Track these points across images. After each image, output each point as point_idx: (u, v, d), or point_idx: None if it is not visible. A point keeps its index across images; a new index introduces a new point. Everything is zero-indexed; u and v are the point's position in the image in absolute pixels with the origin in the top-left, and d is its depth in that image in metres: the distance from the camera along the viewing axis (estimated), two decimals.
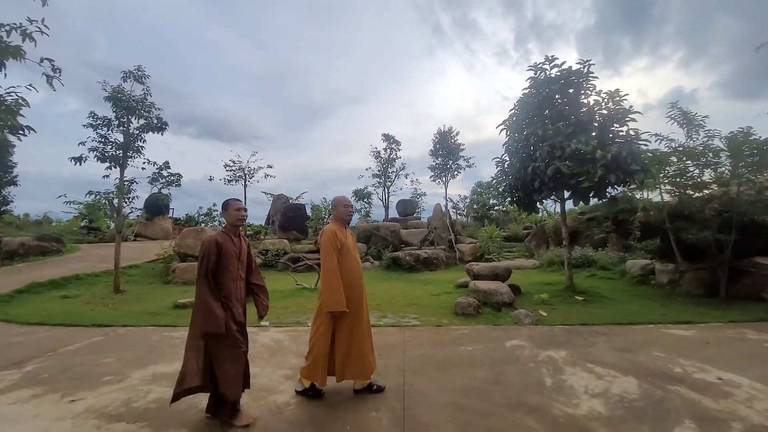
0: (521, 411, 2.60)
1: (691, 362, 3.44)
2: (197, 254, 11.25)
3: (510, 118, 7.11)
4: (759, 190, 5.87)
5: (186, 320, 5.59)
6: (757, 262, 5.98)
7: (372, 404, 2.80)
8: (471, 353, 3.89)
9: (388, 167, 18.79)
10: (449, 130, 15.64)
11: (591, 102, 6.46)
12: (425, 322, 5.35)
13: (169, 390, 3.01)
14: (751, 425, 2.32)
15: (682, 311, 5.48)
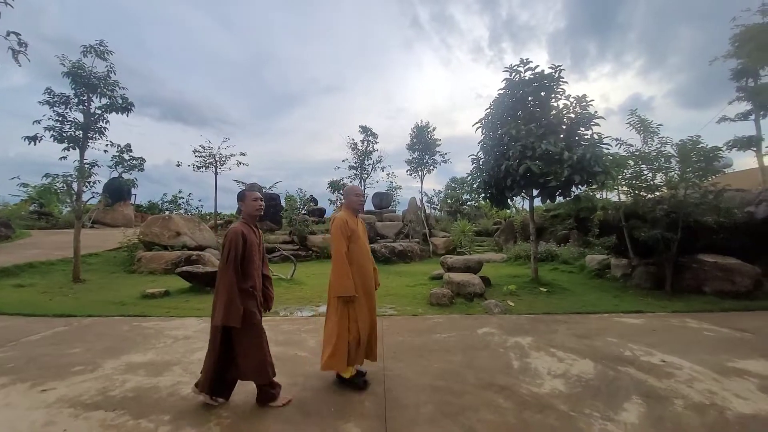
0: (492, 390, 2.83)
1: (640, 347, 3.85)
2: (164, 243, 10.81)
3: (486, 117, 7.39)
4: (702, 194, 6.53)
5: (158, 310, 5.49)
6: (698, 259, 6.68)
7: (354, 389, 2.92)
8: (446, 340, 4.12)
9: (365, 160, 18.76)
10: (426, 126, 15.87)
11: (560, 105, 6.86)
12: (402, 312, 5.54)
13: (147, 379, 3.01)
14: (691, 403, 2.66)
15: (633, 302, 6.04)
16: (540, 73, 6.77)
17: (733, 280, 6.25)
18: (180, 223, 11.59)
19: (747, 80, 13.12)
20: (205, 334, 4.35)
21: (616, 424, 2.36)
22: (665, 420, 2.41)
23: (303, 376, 3.13)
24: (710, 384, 2.94)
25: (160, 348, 3.82)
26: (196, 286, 7.16)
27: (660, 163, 6.73)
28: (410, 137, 16.19)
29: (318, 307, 6.01)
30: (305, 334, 4.41)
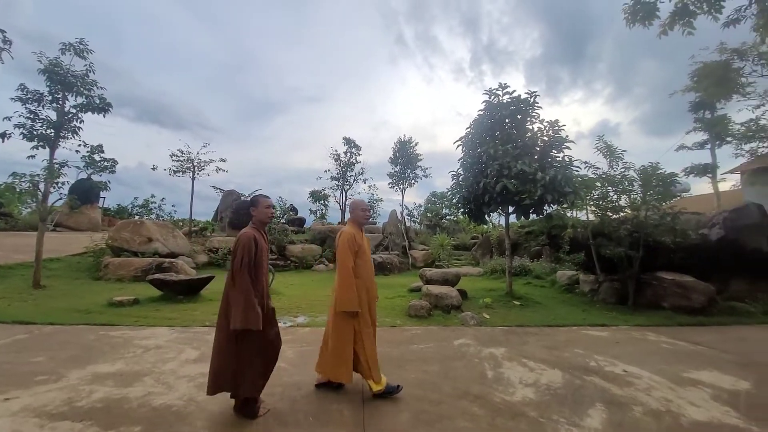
0: (467, 399, 2.93)
1: (604, 358, 4.08)
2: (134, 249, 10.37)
3: (466, 136, 7.72)
4: (661, 216, 7.06)
5: (126, 319, 5.28)
6: (658, 276, 7.15)
7: (333, 397, 2.94)
8: (423, 351, 4.20)
9: (348, 171, 18.87)
10: (409, 140, 16.25)
11: (535, 129, 7.28)
12: (381, 323, 5.55)
13: (116, 390, 2.91)
14: (649, 409, 2.86)
15: (599, 316, 6.37)
16: (517, 97, 7.19)
17: (689, 296, 6.71)
18: (152, 229, 11.18)
19: (704, 112, 14.37)
20: (177, 343, 4.25)
21: (581, 429, 2.51)
22: (625, 425, 2.58)
23: (281, 386, 3.12)
24: (667, 392, 3.17)
25: (129, 358, 3.68)
26: (168, 294, 6.92)
27: (624, 186, 7.23)
28: (393, 151, 16.51)
29: (296, 317, 5.95)
30: (283, 345, 4.34)
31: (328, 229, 16.43)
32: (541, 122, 7.23)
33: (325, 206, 22.03)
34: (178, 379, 3.20)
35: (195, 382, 3.12)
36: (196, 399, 2.79)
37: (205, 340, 4.43)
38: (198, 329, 4.98)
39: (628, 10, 4.60)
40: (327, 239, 15.69)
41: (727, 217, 7.57)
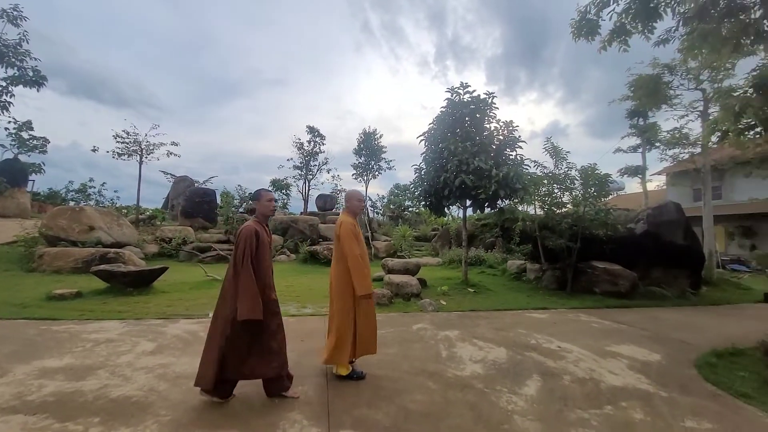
0: (423, 376, 3.22)
1: (542, 336, 4.61)
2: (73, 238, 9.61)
3: (429, 132, 8.01)
4: (596, 211, 7.91)
5: (70, 313, 4.96)
6: (592, 265, 8.05)
7: (297, 381, 3.07)
8: (384, 335, 4.44)
9: (311, 160, 18.59)
10: (373, 133, 16.37)
11: (492, 128, 7.76)
12: None
13: (68, 383, 2.83)
14: (576, 378, 3.33)
15: (541, 300, 7.07)
16: (477, 97, 7.59)
17: (617, 282, 7.65)
18: (94, 216, 10.31)
19: (638, 120, 16.03)
20: (131, 336, 4.11)
21: (519, 396, 2.89)
22: (555, 391, 3.01)
23: None
24: (591, 363, 3.70)
25: (78, 352, 3.52)
26: (116, 286, 6.52)
27: (567, 184, 7.99)
28: (357, 142, 16.55)
29: None
30: None
31: (291, 219, 16.18)
32: (497, 122, 7.72)
33: (287, 195, 21.56)
34: (135, 371, 3.14)
35: (154, 373, 3.09)
36: (158, 389, 2.79)
37: (161, 332, 4.32)
38: (152, 321, 4.82)
39: (575, 25, 5.06)
40: (289, 229, 15.46)
41: (650, 214, 8.66)
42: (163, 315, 5.10)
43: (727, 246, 17.85)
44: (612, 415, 2.62)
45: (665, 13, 4.49)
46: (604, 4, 4.88)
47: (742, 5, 3.91)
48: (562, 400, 2.84)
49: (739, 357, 3.89)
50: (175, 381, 2.95)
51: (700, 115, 11.25)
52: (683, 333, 5.02)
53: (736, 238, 17.66)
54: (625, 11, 4.75)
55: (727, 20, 3.99)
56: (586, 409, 2.70)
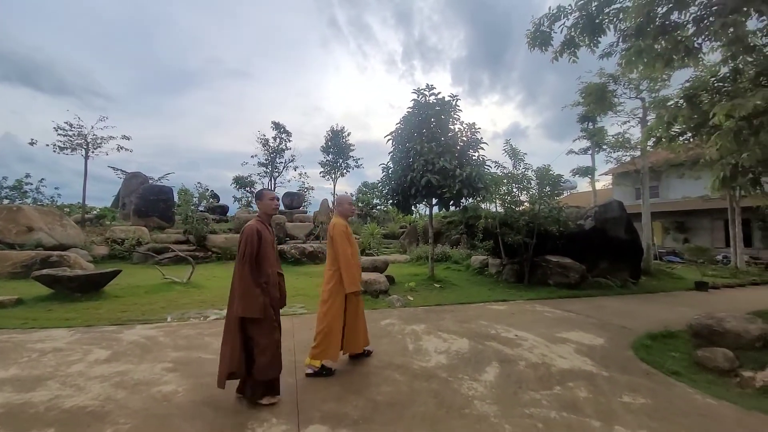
0: (391, 368, 3.34)
1: (502, 326, 4.93)
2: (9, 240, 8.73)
3: (396, 131, 8.17)
4: (550, 209, 8.50)
5: (10, 321, 4.59)
6: (546, 259, 8.64)
7: None
8: None
9: (277, 157, 18.12)
10: (341, 130, 16.29)
11: (456, 129, 8.07)
12: (312, 310, 5.74)
13: (16, 395, 2.67)
14: (530, 363, 3.61)
15: (501, 293, 7.50)
16: (442, 99, 7.85)
17: (568, 274, 8.28)
18: (33, 216, 9.41)
19: (588, 124, 17.28)
20: (81, 345, 3.88)
21: (480, 382, 3.11)
22: (511, 376, 3.26)
23: (210, 375, 3.12)
24: (544, 349, 4.02)
25: (24, 363, 3.26)
26: (62, 292, 6.03)
27: (524, 183, 8.50)
28: (325, 139, 16.39)
29: (222, 310, 5.76)
30: (209, 338, 4.28)
31: None
32: (461, 124, 8.04)
33: (251, 193, 20.84)
34: (89, 380, 2.98)
35: (111, 381, 2.95)
36: (115, 398, 2.68)
37: (115, 339, 4.10)
38: (106, 328, 4.55)
39: (530, 36, 5.42)
40: None
41: (597, 211, 9.44)
42: (117, 321, 4.82)
43: (663, 240, 19.82)
44: (561, 395, 2.90)
45: (608, 29, 4.94)
46: (555, 18, 5.27)
47: (675, 24, 4.39)
48: (518, 384, 3.09)
49: (671, 339, 4.41)
50: (135, 388, 2.84)
51: (640, 121, 12.39)
52: (624, 319, 5.56)
53: (671, 233, 19.66)
54: (573, 25, 5.17)
55: (661, 37, 4.47)
56: (538, 391, 2.96)
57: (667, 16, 4.09)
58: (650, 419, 2.53)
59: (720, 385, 3.14)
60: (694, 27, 4.26)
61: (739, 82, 4.63)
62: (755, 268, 12.72)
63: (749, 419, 2.52)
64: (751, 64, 4.62)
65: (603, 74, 11.71)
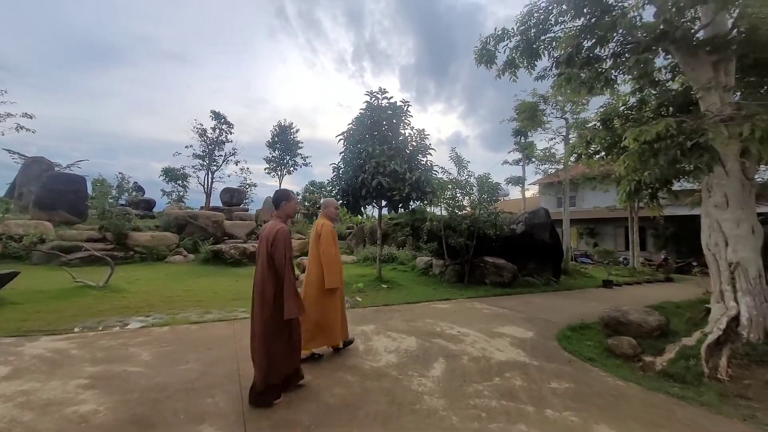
0: (342, 370, 3.33)
1: (446, 324, 5.19)
2: None
3: (348, 132, 8.14)
4: (488, 214, 9.19)
5: None
6: (484, 260, 9.31)
7: (206, 392, 2.86)
8: None
9: (216, 149, 16.78)
10: (290, 126, 15.66)
11: (406, 134, 8.31)
12: None
13: None
14: (472, 357, 3.86)
15: (445, 292, 7.89)
16: (393, 103, 8.03)
17: (502, 274, 9.01)
18: None
19: (520, 138, 19.02)
20: None
21: (428, 378, 3.24)
22: (456, 370, 3.46)
23: (138, 390, 2.82)
24: (484, 344, 4.33)
25: None
26: None
27: (467, 189, 9.07)
28: (272, 135, 15.61)
29: (148, 316, 5.19)
30: (135, 348, 3.84)
31: (189, 215, 14.40)
32: (411, 129, 8.30)
33: (183, 187, 19.00)
34: None
35: (14, 402, 2.50)
36: (21, 420, 2.28)
37: (15, 353, 3.47)
38: (2, 341, 3.81)
39: (477, 53, 5.82)
40: (186, 226, 13.75)
41: (527, 217, 10.43)
42: (17, 332, 4.07)
43: (578, 243, 22.59)
44: (500, 385, 3.15)
45: (544, 54, 5.51)
46: (500, 39, 5.73)
47: (597, 57, 5.05)
48: (462, 377, 3.29)
49: (586, 330, 5.06)
50: (45, 409, 2.44)
51: (564, 139, 14.01)
52: (548, 313, 6.23)
53: (584, 237, 22.47)
54: (515, 48, 5.67)
55: (586, 67, 5.12)
56: (481, 382, 3.18)
57: (591, 50, 4.72)
58: (573, 401, 2.88)
59: (626, 368, 3.69)
60: (612, 61, 4.96)
61: (644, 110, 5.53)
62: (648, 269, 15.12)
63: (652, 398, 3.00)
64: (654, 96, 5.54)
65: (535, 94, 13.01)
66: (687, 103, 5.08)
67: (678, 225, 16.41)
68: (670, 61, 5.16)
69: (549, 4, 5.05)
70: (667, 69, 5.24)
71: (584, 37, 4.67)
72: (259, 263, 2.74)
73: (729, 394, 2.97)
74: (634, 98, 6.05)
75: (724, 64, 4.02)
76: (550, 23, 5.26)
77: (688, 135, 3.86)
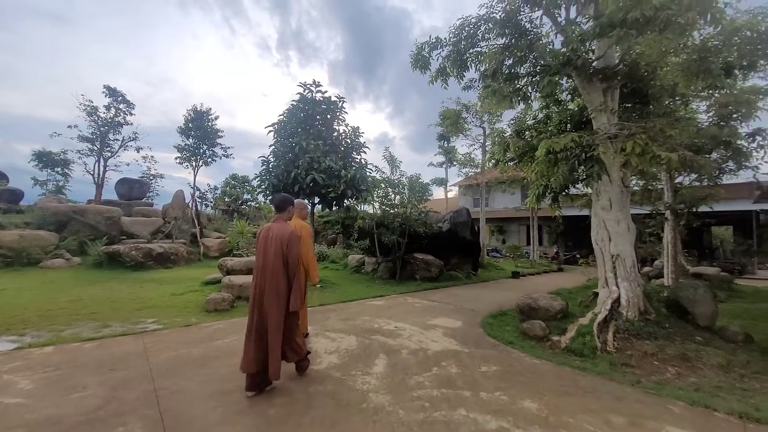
0: (282, 378, 3.10)
1: (383, 320, 5.29)
2: None
3: (279, 123, 7.69)
4: (419, 213, 9.64)
5: None
6: (414, 257, 9.74)
7: (115, 420, 2.42)
8: (230, 344, 4.02)
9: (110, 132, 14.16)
10: (208, 111, 14.02)
11: (341, 130, 8.21)
12: (170, 324, 4.80)
13: None
14: (410, 350, 3.99)
15: (378, 289, 8.04)
16: (328, 98, 7.85)
17: (430, 269, 9.56)
18: None
19: (444, 142, 20.36)
20: None
21: (371, 375, 3.26)
22: (398, 365, 3.55)
23: (24, 426, 2.26)
24: (420, 336, 4.53)
25: None
26: None
27: (399, 188, 9.37)
28: (185, 120, 13.79)
29: (23, 335, 4.17)
30: (10, 375, 3.07)
31: (73, 209, 11.93)
32: (346, 126, 8.22)
33: (64, 176, 15.61)
34: None
35: None
36: None
37: None
38: None
39: (413, 57, 6.04)
40: (69, 223, 11.38)
41: (452, 216, 11.24)
42: None
43: (490, 240, 25.21)
44: (438, 374, 3.33)
45: (471, 66, 5.97)
46: (434, 47, 6.03)
47: (517, 74, 5.65)
48: (404, 371, 3.38)
49: (504, 316, 5.66)
50: None
51: (481, 146, 15.44)
52: (472, 303, 6.82)
53: (494, 234, 25.17)
54: (447, 57, 6.03)
55: (509, 82, 5.69)
56: (421, 374, 3.32)
57: (513, 67, 5.30)
58: (501, 382, 3.20)
59: (539, 348, 4.24)
60: (529, 79, 5.61)
61: (548, 125, 6.42)
62: (545, 260, 17.68)
63: (561, 372, 3.50)
64: (556, 113, 6.47)
65: (459, 103, 14.06)
66: (581, 122, 6.06)
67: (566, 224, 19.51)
68: (569, 84, 6.07)
69: (478, 20, 5.50)
70: (568, 91, 6.17)
71: (507, 55, 5.21)
72: (270, 262, 2.92)
73: (617, 364, 3.64)
74: (542, 114, 6.98)
75: (611, 91, 4.90)
76: (478, 38, 5.73)
77: (583, 148, 4.62)
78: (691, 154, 3.93)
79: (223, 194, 20.79)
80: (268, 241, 2.98)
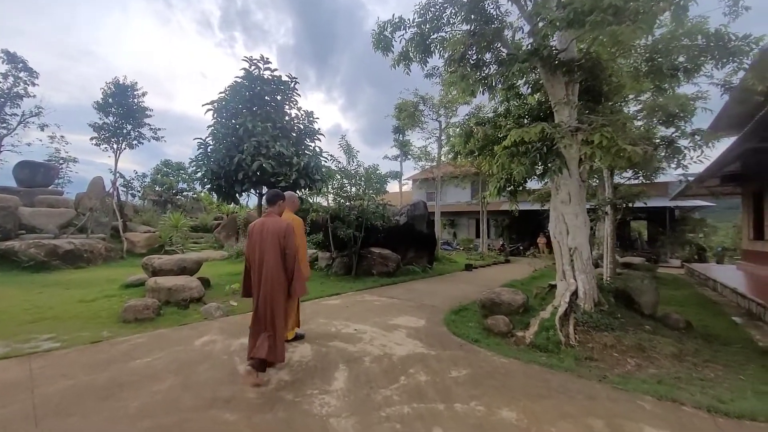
0: (216, 407, 2.52)
1: (340, 321, 4.81)
2: None
3: (219, 102, 6.71)
4: (376, 206, 9.23)
5: None
6: (371, 251, 9.34)
7: None
8: (150, 364, 3.26)
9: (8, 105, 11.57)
10: (132, 86, 11.99)
11: (293, 114, 7.44)
12: (71, 341, 3.84)
13: None
14: (374, 357, 3.58)
15: (333, 287, 7.50)
16: (278, 78, 7.03)
17: (387, 264, 9.24)
18: None
19: (399, 135, 20.16)
20: None
21: (331, 393, 2.78)
22: (361, 377, 3.11)
23: None
24: (383, 340, 4.13)
25: None
26: None
27: (355, 180, 8.86)
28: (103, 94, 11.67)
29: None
30: None
31: None
32: (298, 110, 7.48)
33: None
34: None
35: None
36: None
37: None
38: None
39: (374, 37, 5.56)
40: None
41: (409, 209, 11.04)
42: None
43: (442, 233, 25.82)
44: (407, 384, 2.96)
45: (436, 52, 5.64)
46: (396, 27, 5.59)
47: (484, 61, 5.43)
48: (368, 384, 2.96)
49: (466, 312, 5.50)
50: None
51: (437, 139, 15.46)
52: (431, 299, 6.61)
53: (446, 228, 25.82)
54: (410, 40, 5.63)
55: (474, 70, 5.44)
56: (388, 387, 2.92)
57: (480, 53, 5.07)
58: (474, 388, 2.93)
59: (504, 345, 4.08)
60: (497, 67, 5.43)
61: (508, 119, 6.38)
62: (493, 253, 18.44)
63: (530, 370, 3.34)
64: (516, 107, 6.44)
65: (417, 95, 13.84)
66: (540, 117, 6.07)
67: (511, 217, 20.54)
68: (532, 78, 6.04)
69: (444, 2, 5.17)
70: (529, 85, 6.15)
71: (473, 41, 4.96)
72: (268, 255, 3.00)
73: (581, 358, 3.58)
74: (502, 107, 6.94)
75: (572, 85, 4.89)
76: (443, 22, 5.42)
77: (545, 142, 4.55)
78: (651, 149, 4.01)
79: (153, 183, 18.31)
80: (263, 235, 3.06)
